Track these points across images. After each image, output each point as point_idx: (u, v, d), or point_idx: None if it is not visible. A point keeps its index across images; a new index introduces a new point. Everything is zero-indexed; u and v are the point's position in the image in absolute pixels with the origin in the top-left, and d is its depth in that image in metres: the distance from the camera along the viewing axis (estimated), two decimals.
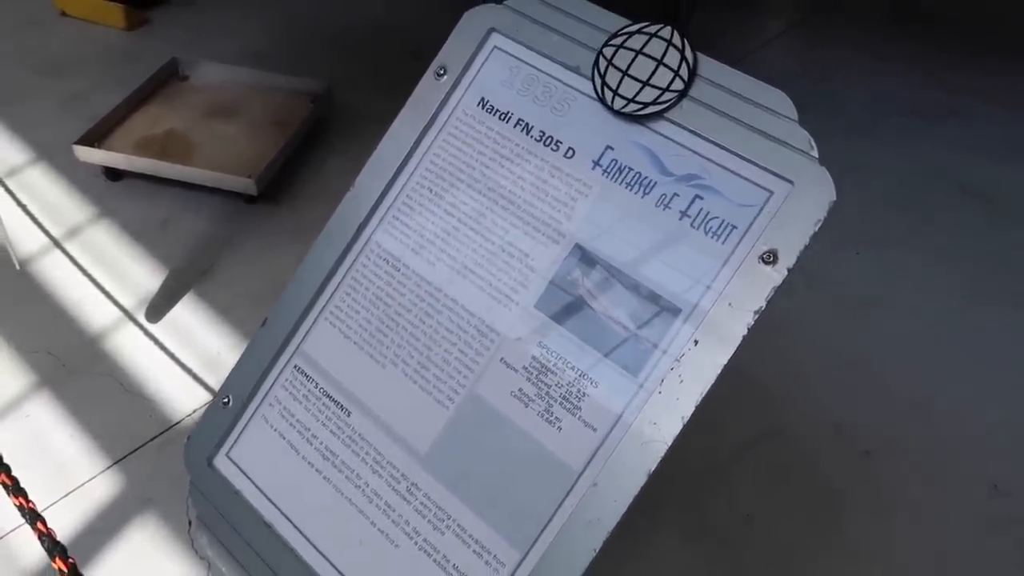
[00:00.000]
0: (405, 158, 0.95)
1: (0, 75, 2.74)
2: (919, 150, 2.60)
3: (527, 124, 0.91)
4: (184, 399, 1.74)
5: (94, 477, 1.58)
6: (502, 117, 0.92)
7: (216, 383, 1.77)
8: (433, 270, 0.92)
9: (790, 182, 0.77)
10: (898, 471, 1.65)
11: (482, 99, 0.94)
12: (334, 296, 0.96)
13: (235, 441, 0.97)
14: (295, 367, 0.96)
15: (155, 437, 1.66)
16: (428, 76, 0.95)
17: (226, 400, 0.97)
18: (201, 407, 1.72)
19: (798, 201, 0.76)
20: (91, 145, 2.25)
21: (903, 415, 1.76)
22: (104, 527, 1.49)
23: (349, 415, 0.93)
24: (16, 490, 1.01)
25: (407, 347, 0.91)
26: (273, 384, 0.97)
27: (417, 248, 0.93)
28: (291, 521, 0.92)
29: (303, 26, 3.12)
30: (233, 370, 0.98)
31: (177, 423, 1.69)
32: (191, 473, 0.97)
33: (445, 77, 0.94)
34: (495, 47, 0.94)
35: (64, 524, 1.48)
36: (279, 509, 0.93)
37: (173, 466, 1.51)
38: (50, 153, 2.39)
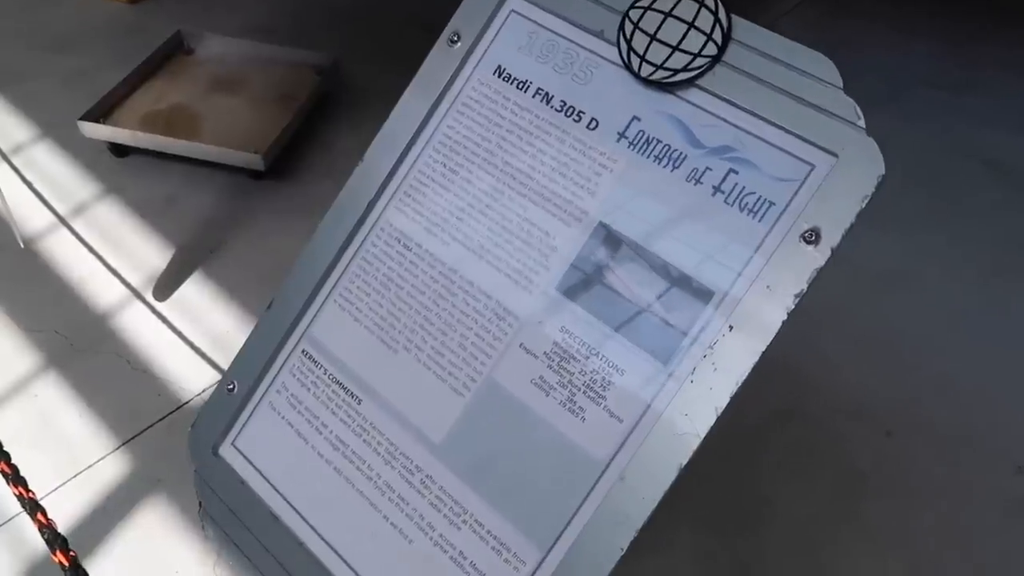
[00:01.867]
0: (416, 131, 0.89)
1: (4, 51, 2.69)
2: (940, 123, 2.52)
3: (547, 93, 0.85)
4: (193, 378, 1.70)
5: (103, 458, 1.55)
6: (520, 86, 0.86)
7: (225, 362, 1.71)
8: (447, 250, 0.86)
9: (834, 154, 0.71)
10: (920, 452, 1.61)
11: (498, 67, 0.88)
12: (343, 277, 0.91)
13: (241, 429, 0.93)
14: (303, 352, 0.92)
15: (164, 417, 1.63)
16: (440, 43, 0.89)
17: (231, 386, 0.93)
18: (210, 386, 1.68)
19: (843, 175, 0.70)
20: (96, 121, 2.19)
21: (926, 395, 1.71)
22: (113, 509, 1.46)
23: (360, 403, 0.88)
24: (16, 479, 0.97)
25: (420, 331, 0.86)
26: (280, 370, 0.92)
27: (430, 227, 0.88)
28: (300, 514, 0.88)
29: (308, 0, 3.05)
30: (238, 355, 0.94)
31: (186, 403, 1.66)
32: (196, 462, 0.93)
33: (459, 44, 0.89)
34: (512, 11, 0.88)
35: (73, 506, 1.45)
36: (287, 501, 0.89)
37: (182, 446, 1.48)
38: (55, 129, 2.34)
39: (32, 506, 0.93)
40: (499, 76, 0.87)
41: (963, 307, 1.93)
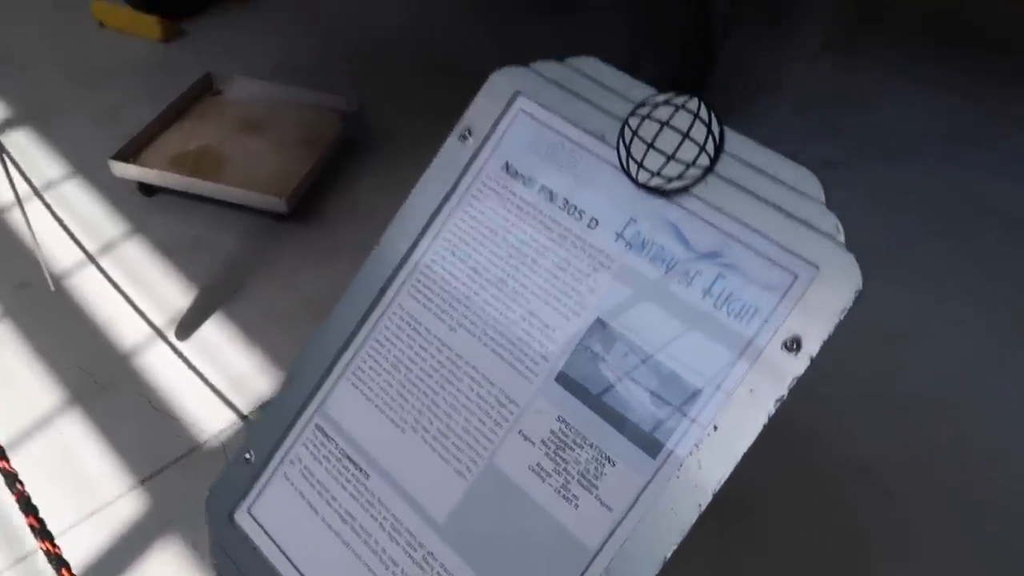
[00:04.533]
0: (429, 220, 0.95)
1: (38, 86, 2.76)
2: (957, 177, 2.49)
3: (551, 191, 0.90)
4: (210, 419, 1.75)
5: (120, 496, 1.59)
6: (526, 183, 0.92)
7: (243, 403, 1.78)
8: (454, 336, 0.92)
9: (815, 266, 0.75)
10: (925, 514, 1.60)
11: (507, 163, 0.93)
12: (357, 357, 0.96)
13: (256, 498, 0.98)
14: (316, 426, 0.97)
15: (180, 458, 1.67)
16: (452, 139, 0.95)
17: (248, 455, 0.98)
18: (227, 428, 1.73)
19: (823, 288, 0.75)
20: (126, 160, 2.25)
21: (932, 456, 1.70)
22: (127, 548, 1.51)
23: (368, 478, 0.93)
24: (43, 533, 1.03)
25: (427, 413, 0.91)
26: (295, 442, 0.98)
27: (439, 312, 0.93)
28: None
29: (334, 39, 3.11)
30: (256, 426, 0.99)
31: (202, 444, 1.70)
32: (212, 526, 0.99)
33: (470, 140, 0.94)
34: (520, 110, 0.93)
35: (89, 543, 1.50)
36: (297, 569, 0.94)
37: (195, 487, 1.51)
38: (85, 167, 2.40)
39: (57, 562, 0.98)
40: (507, 172, 0.93)
41: (974, 366, 1.92)
